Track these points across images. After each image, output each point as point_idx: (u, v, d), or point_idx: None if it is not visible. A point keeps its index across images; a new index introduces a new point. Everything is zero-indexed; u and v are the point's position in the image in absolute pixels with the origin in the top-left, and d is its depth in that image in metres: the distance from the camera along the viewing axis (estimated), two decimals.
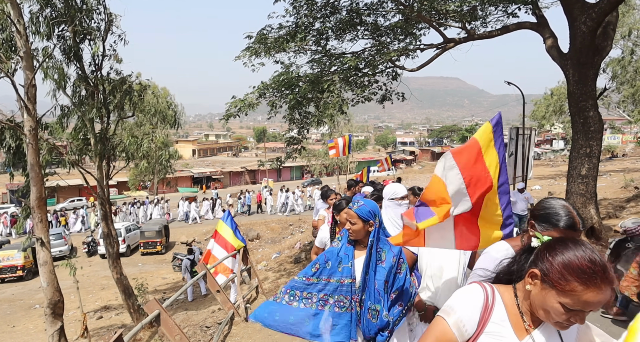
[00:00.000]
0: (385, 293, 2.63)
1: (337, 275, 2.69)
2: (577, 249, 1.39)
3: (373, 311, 2.62)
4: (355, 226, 2.70)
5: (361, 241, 2.79)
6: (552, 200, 2.18)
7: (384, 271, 2.64)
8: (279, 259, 14.99)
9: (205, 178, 54.75)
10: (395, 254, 2.71)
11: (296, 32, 10.41)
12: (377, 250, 2.68)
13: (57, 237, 21.86)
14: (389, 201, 3.75)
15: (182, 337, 4.11)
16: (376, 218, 2.71)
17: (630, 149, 53.84)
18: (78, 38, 9.28)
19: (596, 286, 1.30)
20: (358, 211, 2.70)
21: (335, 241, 2.91)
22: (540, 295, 1.41)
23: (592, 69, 9.58)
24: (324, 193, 6.21)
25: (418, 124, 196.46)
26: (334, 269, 2.71)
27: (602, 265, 1.33)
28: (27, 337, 12.56)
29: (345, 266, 2.69)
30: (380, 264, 2.66)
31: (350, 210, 2.74)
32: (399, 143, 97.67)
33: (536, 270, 1.43)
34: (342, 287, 2.66)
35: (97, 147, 9.62)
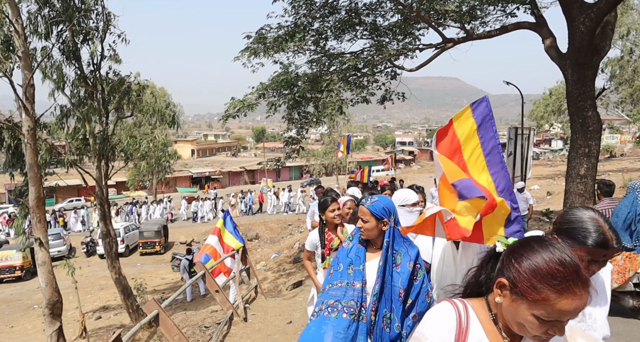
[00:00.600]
0: (399, 301, 2.38)
1: (348, 278, 2.46)
2: (544, 251, 1.23)
3: (387, 319, 2.38)
4: (368, 224, 2.48)
5: (374, 242, 2.55)
6: (578, 211, 1.84)
7: (399, 277, 2.38)
8: (278, 259, 15.00)
9: (204, 178, 54.69)
10: (411, 259, 2.42)
11: (295, 32, 10.40)
12: (392, 253, 2.43)
13: (55, 237, 21.83)
14: (399, 208, 3.32)
15: (180, 337, 4.11)
16: (391, 216, 2.47)
17: (629, 149, 53.93)
18: (77, 38, 9.27)
19: (570, 292, 1.16)
20: (371, 208, 2.47)
21: (346, 240, 2.68)
22: (512, 307, 1.25)
23: (590, 69, 9.58)
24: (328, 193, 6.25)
25: (417, 124, 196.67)
26: (344, 272, 2.48)
27: (574, 266, 1.19)
28: (26, 337, 12.54)
29: (356, 269, 2.46)
30: (395, 268, 2.41)
31: (363, 206, 2.52)
32: (398, 143, 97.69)
33: (503, 279, 1.27)
34: (353, 291, 2.42)
35: (96, 147, 9.60)
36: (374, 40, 11.81)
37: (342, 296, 2.41)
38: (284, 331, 5.61)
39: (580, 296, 1.17)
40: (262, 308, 6.90)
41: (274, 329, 5.74)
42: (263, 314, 6.51)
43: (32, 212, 7.24)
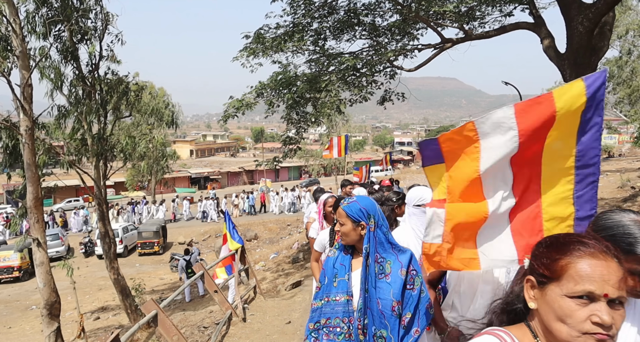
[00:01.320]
0: (394, 316, 2.08)
1: (333, 291, 2.20)
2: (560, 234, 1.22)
3: (379, 338, 2.09)
4: (344, 228, 2.22)
5: (359, 248, 2.26)
6: (615, 215, 1.52)
7: (390, 288, 2.08)
8: (276, 260, 14.99)
9: (203, 178, 54.66)
10: (403, 265, 2.12)
11: (294, 32, 10.40)
12: (378, 260, 2.14)
13: (54, 237, 21.81)
14: (415, 208, 3.08)
15: (179, 337, 4.10)
16: (370, 219, 2.17)
17: (627, 149, 53.98)
18: (75, 38, 9.25)
19: (589, 254, 1.09)
20: (346, 209, 2.22)
21: (332, 249, 2.43)
22: (545, 303, 1.14)
23: (588, 69, 9.60)
24: (316, 193, 5.90)
25: (416, 124, 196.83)
26: (329, 285, 2.23)
27: (579, 235, 1.16)
28: (24, 338, 12.51)
29: (340, 280, 2.20)
30: (383, 278, 2.11)
31: (340, 207, 2.27)
32: (396, 143, 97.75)
33: (529, 276, 1.20)
34: (337, 306, 2.17)
35: (94, 147, 9.59)
36: (373, 41, 11.82)
37: (331, 312, 2.17)
38: (282, 331, 5.61)
39: (603, 258, 1.08)
40: (261, 308, 6.89)
41: (273, 329, 5.73)
42: (262, 314, 6.50)
43: (30, 212, 7.23)
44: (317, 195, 5.78)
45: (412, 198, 3.10)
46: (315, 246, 3.91)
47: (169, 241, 25.20)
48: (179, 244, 24.59)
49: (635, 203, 15.95)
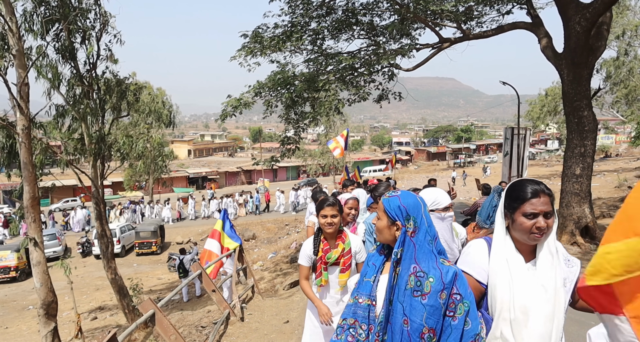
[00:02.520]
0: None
1: (360, 292, 1.97)
2: None
3: None
4: (379, 223, 1.97)
5: None
6: None
7: (423, 310, 1.73)
8: (275, 259, 14.98)
9: (201, 178, 54.61)
10: (446, 287, 1.75)
11: (292, 32, 10.40)
12: (417, 274, 1.78)
13: (51, 237, 21.75)
14: (432, 214, 2.71)
15: (177, 337, 4.09)
16: (409, 221, 1.86)
17: (624, 149, 54.21)
18: (72, 37, 9.22)
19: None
20: (385, 203, 1.95)
21: (374, 245, 2.16)
22: None
23: (586, 69, 9.63)
24: (315, 194, 5.42)
25: (414, 124, 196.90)
26: (359, 284, 2.00)
27: None
28: (21, 338, 12.46)
29: (367, 281, 1.96)
30: (419, 297, 1.75)
31: (380, 200, 2.03)
32: (394, 143, 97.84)
33: None
34: (359, 308, 1.92)
35: (92, 146, 9.56)
36: (371, 40, 11.83)
37: (355, 314, 1.94)
38: (280, 331, 5.60)
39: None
40: (259, 308, 6.89)
41: (271, 329, 5.72)
42: (260, 314, 6.49)
43: (27, 212, 7.20)
44: (317, 196, 5.38)
45: (426, 200, 2.59)
46: (300, 260, 3.30)
47: (167, 240, 25.17)
48: (177, 243, 24.56)
49: None
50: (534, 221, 1.80)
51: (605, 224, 10.84)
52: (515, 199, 1.86)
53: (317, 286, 3.23)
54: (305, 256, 3.26)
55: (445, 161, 68.86)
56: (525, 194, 1.84)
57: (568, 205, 9.68)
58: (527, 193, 1.83)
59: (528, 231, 1.80)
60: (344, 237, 3.23)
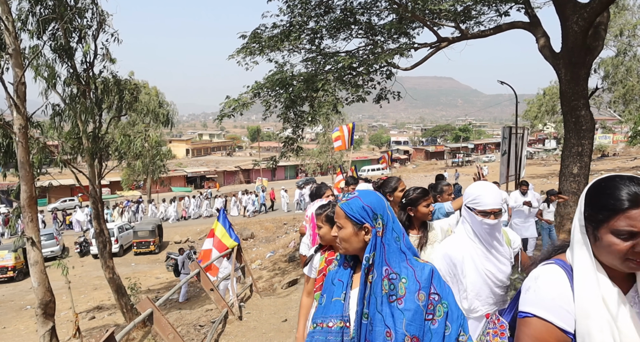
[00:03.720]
0: None
1: (327, 314, 1.68)
2: None
3: None
4: (343, 232, 1.68)
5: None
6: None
7: (402, 317, 1.52)
8: (273, 258, 14.99)
9: (199, 178, 54.57)
10: (422, 286, 1.56)
11: (290, 31, 10.40)
12: (389, 276, 1.58)
13: (48, 237, 21.69)
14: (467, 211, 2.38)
15: (175, 336, 4.08)
16: (377, 220, 1.63)
17: (621, 149, 54.36)
18: (69, 36, 9.20)
19: None
20: (345, 207, 1.68)
21: (334, 260, 1.94)
22: None
23: (583, 69, 9.66)
24: (316, 191, 4.77)
25: (412, 124, 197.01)
26: (327, 306, 1.70)
27: None
28: (18, 338, 12.44)
29: (336, 300, 1.69)
30: (395, 302, 1.55)
31: (337, 206, 1.75)
32: (393, 142, 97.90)
33: None
34: (330, 334, 1.63)
35: (89, 146, 9.54)
36: (369, 40, 11.84)
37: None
38: (279, 329, 5.61)
39: None
40: (257, 306, 6.89)
41: (269, 327, 5.73)
42: (258, 313, 6.50)
43: (24, 211, 7.18)
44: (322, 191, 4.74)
45: (466, 197, 2.39)
46: (306, 269, 2.82)
47: (165, 240, 25.15)
48: (175, 243, 24.54)
49: None
50: (632, 242, 1.19)
51: None
52: (602, 208, 1.25)
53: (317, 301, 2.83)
54: (313, 268, 2.75)
55: (444, 160, 68.96)
56: (619, 203, 1.21)
57: (565, 204, 9.71)
58: (623, 201, 1.21)
59: (623, 255, 1.22)
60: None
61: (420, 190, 3.08)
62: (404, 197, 3.10)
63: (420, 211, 2.98)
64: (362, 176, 41.40)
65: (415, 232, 3.04)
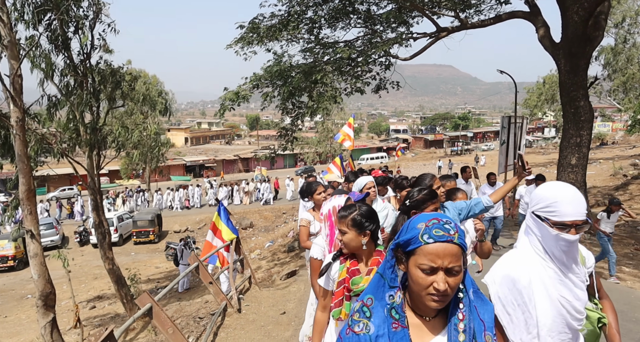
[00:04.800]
0: None
1: None
2: None
3: None
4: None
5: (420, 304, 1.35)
6: None
7: None
8: (272, 248, 15.06)
9: (198, 166, 54.52)
10: (487, 326, 1.36)
11: (289, 21, 10.31)
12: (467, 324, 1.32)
13: (48, 227, 21.76)
14: (533, 218, 1.86)
15: (174, 330, 4.12)
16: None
17: (620, 137, 54.35)
18: (66, 27, 9.10)
19: None
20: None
21: (356, 311, 1.39)
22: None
23: (583, 59, 9.61)
24: (306, 188, 4.44)
25: (411, 112, 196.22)
26: None
27: None
28: (20, 327, 12.55)
29: None
30: None
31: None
32: (392, 131, 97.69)
33: None
34: None
35: (87, 137, 9.50)
36: (368, 29, 11.74)
37: None
38: (277, 322, 5.66)
39: None
40: (256, 299, 6.94)
41: (268, 320, 5.78)
42: (257, 305, 6.55)
43: (22, 204, 7.18)
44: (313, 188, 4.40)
45: (535, 201, 1.86)
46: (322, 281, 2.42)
47: (165, 229, 25.24)
48: (175, 232, 24.64)
49: (626, 191, 16.13)
50: None
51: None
52: None
53: (335, 318, 2.34)
54: (328, 278, 2.41)
55: (443, 149, 68.90)
56: None
57: None
58: None
59: None
60: (380, 261, 2.24)
61: (427, 191, 2.75)
62: (408, 199, 2.75)
63: None
64: (361, 164, 41.26)
65: None
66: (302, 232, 4.26)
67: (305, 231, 4.20)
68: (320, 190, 4.38)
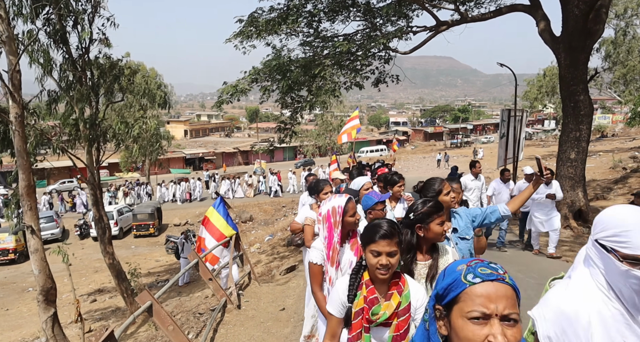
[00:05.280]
0: None
1: None
2: None
3: None
4: None
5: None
6: None
7: None
8: (271, 242, 15.10)
9: (198, 159, 54.49)
10: None
11: (288, 15, 10.25)
12: None
13: (48, 220, 21.82)
14: (604, 255, 1.50)
15: (174, 327, 4.15)
16: None
17: (620, 129, 54.28)
18: (64, 21, 9.04)
19: None
20: None
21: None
22: None
23: (583, 53, 9.57)
24: (315, 185, 4.40)
25: (411, 104, 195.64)
26: None
27: None
28: (21, 320, 12.64)
29: None
30: None
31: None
32: (392, 123, 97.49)
33: None
34: None
35: (87, 132, 9.48)
36: (368, 23, 11.68)
37: None
38: (276, 318, 5.70)
39: None
40: (255, 294, 6.98)
41: (267, 316, 5.82)
42: (256, 301, 6.59)
43: (22, 199, 7.19)
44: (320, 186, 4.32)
45: (599, 227, 1.52)
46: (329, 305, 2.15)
47: (165, 222, 25.31)
48: (175, 225, 24.72)
49: (626, 184, 16.13)
50: None
51: (598, 207, 10.93)
52: None
53: None
54: (337, 302, 2.09)
55: (442, 142, 68.84)
56: None
57: (562, 189, 9.77)
58: None
59: None
60: (401, 285, 2.03)
61: (432, 203, 2.45)
62: (411, 212, 2.47)
63: (432, 230, 2.36)
64: (360, 157, 41.02)
65: (423, 257, 2.42)
66: (307, 231, 4.14)
67: (311, 231, 4.09)
68: (327, 190, 4.28)
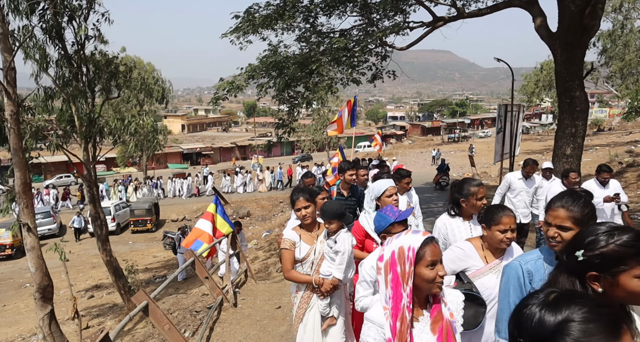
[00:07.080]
0: None
1: None
2: None
3: None
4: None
5: None
6: None
7: None
8: (269, 238, 15.12)
9: (195, 154, 54.38)
10: None
11: (284, 10, 10.19)
12: None
13: (45, 215, 21.77)
14: None
15: (171, 327, 4.17)
16: None
17: (617, 123, 54.35)
18: (59, 17, 8.97)
19: None
20: None
21: None
22: None
23: (579, 49, 9.57)
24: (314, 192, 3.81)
25: (409, 98, 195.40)
26: None
27: None
28: (19, 316, 12.65)
29: None
30: None
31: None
32: (389, 118, 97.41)
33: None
34: None
35: (83, 129, 9.46)
36: (364, 18, 11.62)
37: None
38: (272, 316, 5.73)
39: None
40: (251, 292, 7.01)
41: (263, 315, 5.85)
42: (253, 299, 6.62)
43: (18, 197, 7.18)
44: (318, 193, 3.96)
45: None
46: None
47: (162, 218, 25.30)
48: (172, 221, 24.71)
49: (622, 179, 16.18)
50: None
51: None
52: None
53: None
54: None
55: (440, 136, 68.85)
56: None
57: None
58: None
59: None
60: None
61: (631, 237, 2.17)
62: (580, 246, 2.04)
63: (625, 286, 1.72)
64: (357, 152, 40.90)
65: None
66: (285, 258, 3.03)
67: (290, 257, 3.01)
68: (323, 195, 3.96)
